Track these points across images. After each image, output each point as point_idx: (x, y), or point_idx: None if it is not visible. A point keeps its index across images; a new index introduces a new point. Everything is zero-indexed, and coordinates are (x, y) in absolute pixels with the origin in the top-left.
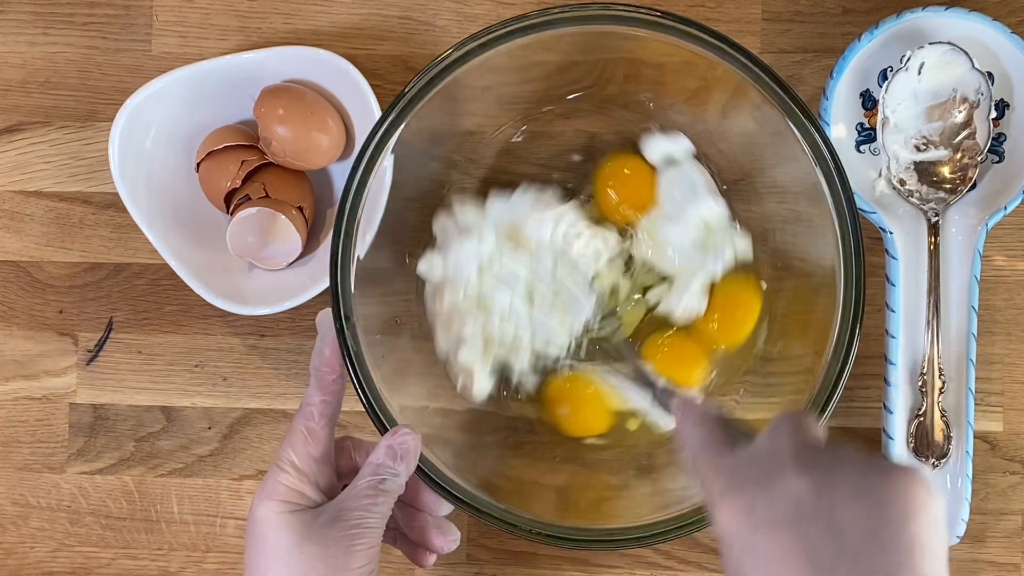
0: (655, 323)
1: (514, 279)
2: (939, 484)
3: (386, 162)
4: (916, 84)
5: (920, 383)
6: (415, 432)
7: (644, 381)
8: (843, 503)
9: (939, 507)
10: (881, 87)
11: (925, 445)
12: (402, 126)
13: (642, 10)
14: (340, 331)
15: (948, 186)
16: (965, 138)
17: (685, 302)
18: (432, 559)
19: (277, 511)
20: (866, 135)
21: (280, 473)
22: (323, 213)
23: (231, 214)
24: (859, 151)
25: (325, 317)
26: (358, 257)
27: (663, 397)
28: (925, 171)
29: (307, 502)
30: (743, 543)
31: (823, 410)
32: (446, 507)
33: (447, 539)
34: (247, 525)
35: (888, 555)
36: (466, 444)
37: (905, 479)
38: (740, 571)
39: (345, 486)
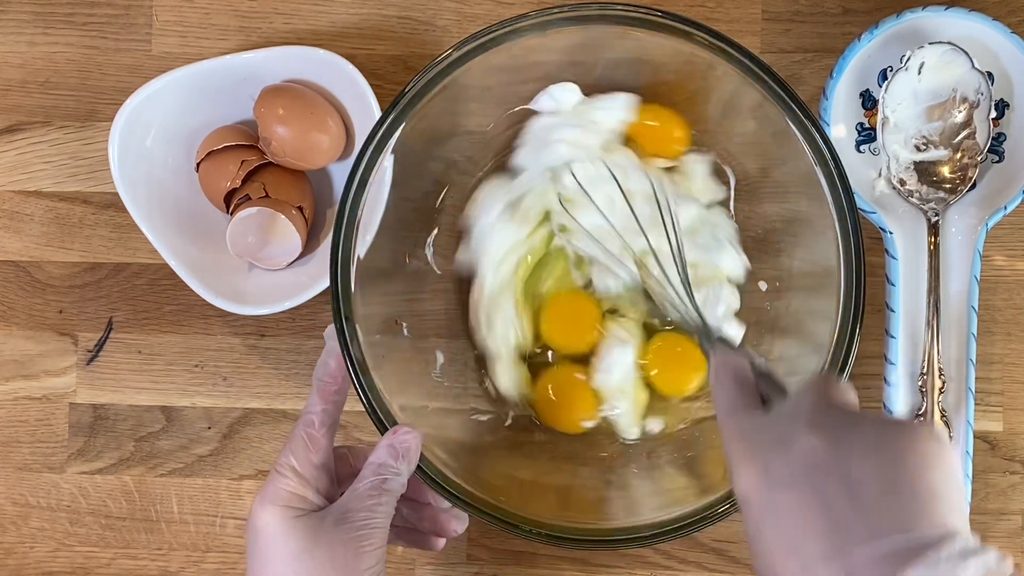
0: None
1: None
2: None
3: (386, 162)
4: (916, 84)
5: (920, 383)
6: (415, 430)
7: (695, 323)
8: (859, 457)
9: (955, 460)
10: (881, 87)
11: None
12: (402, 126)
13: (642, 10)
14: (340, 331)
15: (948, 186)
16: (965, 138)
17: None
18: (443, 542)
19: (281, 516)
20: (866, 135)
21: (281, 479)
22: (323, 213)
23: (231, 214)
24: (859, 151)
25: (332, 331)
26: (358, 257)
27: (708, 342)
28: (925, 171)
29: (309, 506)
30: (761, 503)
31: None
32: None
33: (459, 521)
34: (248, 530)
35: (905, 506)
36: (466, 444)
37: (921, 434)
38: (759, 531)
39: (343, 493)
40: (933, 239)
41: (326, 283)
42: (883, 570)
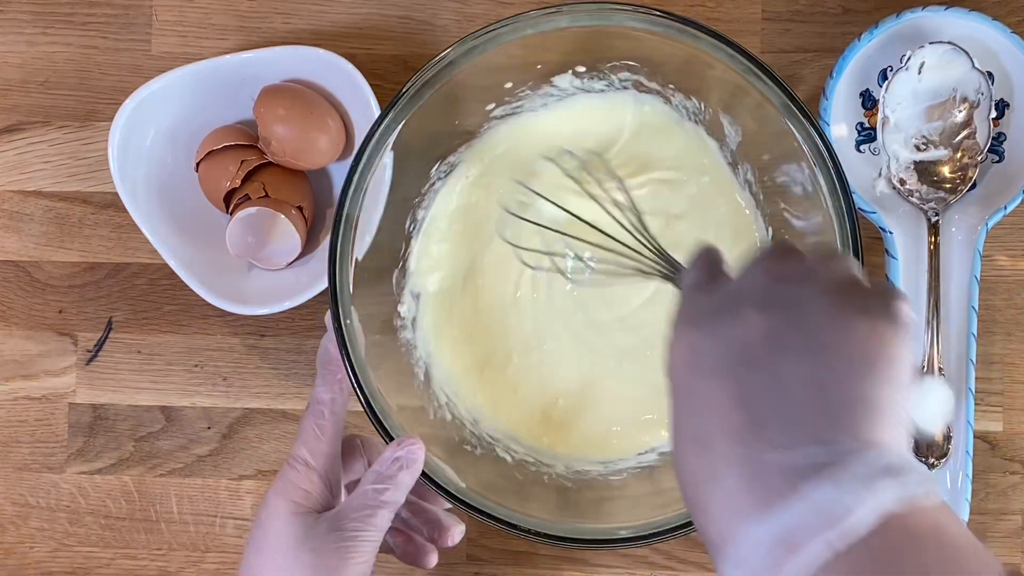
0: None
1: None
2: (939, 484)
3: (385, 161)
4: (916, 84)
5: None
6: (420, 442)
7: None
8: (794, 354)
9: (905, 363)
10: (881, 87)
11: (925, 445)
12: (400, 125)
13: (641, 10)
14: (338, 331)
15: (948, 186)
16: (965, 138)
17: None
18: (435, 558)
19: (284, 510)
20: (866, 135)
21: (291, 471)
22: (323, 213)
23: (231, 214)
24: (859, 151)
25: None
26: (357, 257)
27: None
28: (925, 171)
29: (314, 503)
30: (682, 387)
31: None
32: (458, 535)
33: (456, 531)
34: (255, 519)
35: (830, 414)
36: (465, 443)
37: (876, 327)
38: (676, 421)
39: (349, 484)
40: (933, 239)
41: (326, 283)
42: (787, 482)
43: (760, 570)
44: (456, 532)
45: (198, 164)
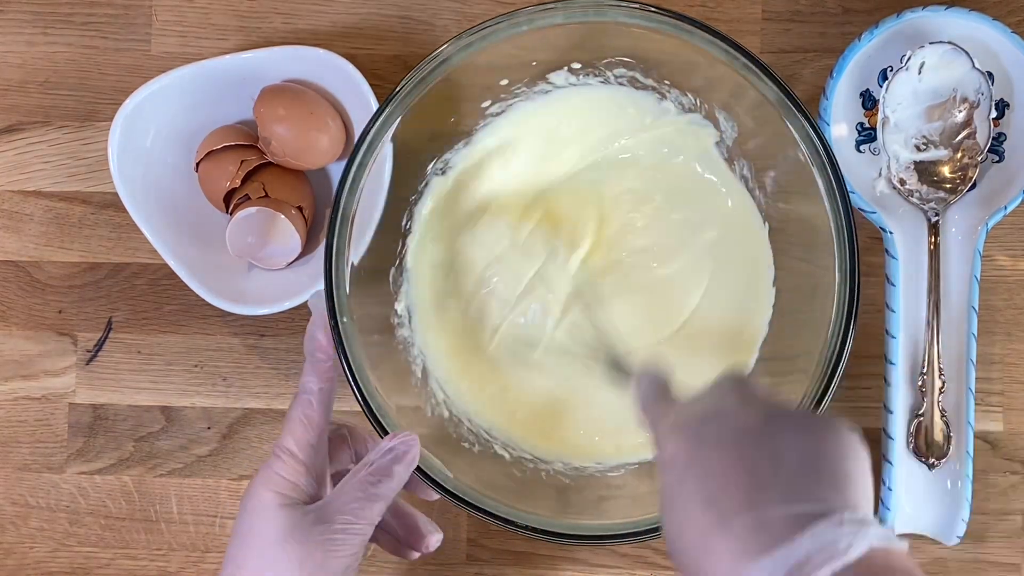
0: None
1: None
2: (939, 484)
3: (382, 160)
4: (916, 84)
5: (920, 383)
6: (416, 437)
7: (612, 362)
8: (787, 433)
9: (868, 460)
10: (881, 87)
11: (925, 445)
12: (397, 122)
13: (640, 8)
14: (335, 329)
15: (948, 186)
16: (965, 138)
17: None
18: (416, 554)
19: (270, 501)
20: (866, 135)
21: (277, 462)
22: (323, 213)
23: (231, 214)
24: (859, 151)
25: (317, 299)
26: (357, 257)
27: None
28: (925, 171)
29: (300, 495)
30: (686, 461)
31: (817, 408)
32: (435, 543)
33: (434, 537)
34: (240, 510)
35: (822, 481)
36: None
37: (843, 426)
38: (680, 487)
39: (335, 474)
40: (933, 239)
41: None
42: (792, 526)
43: None
44: (433, 540)
45: (198, 164)
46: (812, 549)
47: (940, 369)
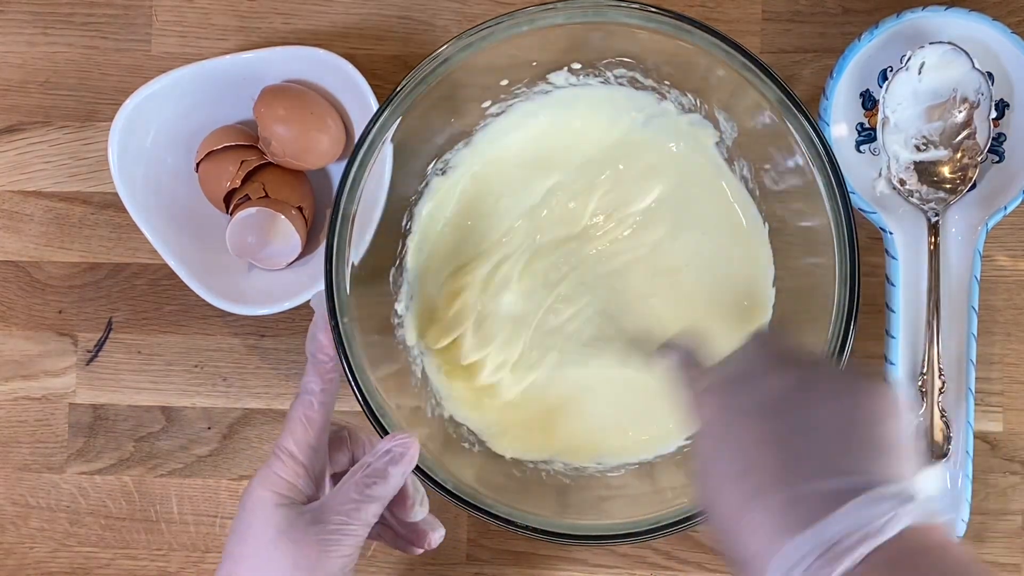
0: None
1: None
2: (939, 484)
3: (384, 160)
4: (916, 84)
5: (920, 383)
6: (414, 437)
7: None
8: (820, 400)
9: (908, 417)
10: (881, 87)
11: (925, 445)
12: (397, 122)
13: (640, 8)
14: (336, 330)
15: (948, 186)
16: (965, 138)
17: None
18: (419, 550)
19: (268, 501)
20: (866, 135)
21: (277, 462)
22: (323, 213)
23: (231, 214)
24: (859, 151)
25: (319, 299)
26: (357, 257)
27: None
28: (925, 171)
29: (297, 495)
30: (721, 431)
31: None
32: (421, 513)
33: (436, 534)
34: (239, 508)
35: (859, 451)
36: (463, 443)
37: (881, 387)
38: (714, 459)
39: (334, 475)
40: (933, 239)
41: None
42: (827, 502)
43: (809, 574)
44: (435, 537)
45: (198, 164)
46: (847, 527)
47: (940, 369)
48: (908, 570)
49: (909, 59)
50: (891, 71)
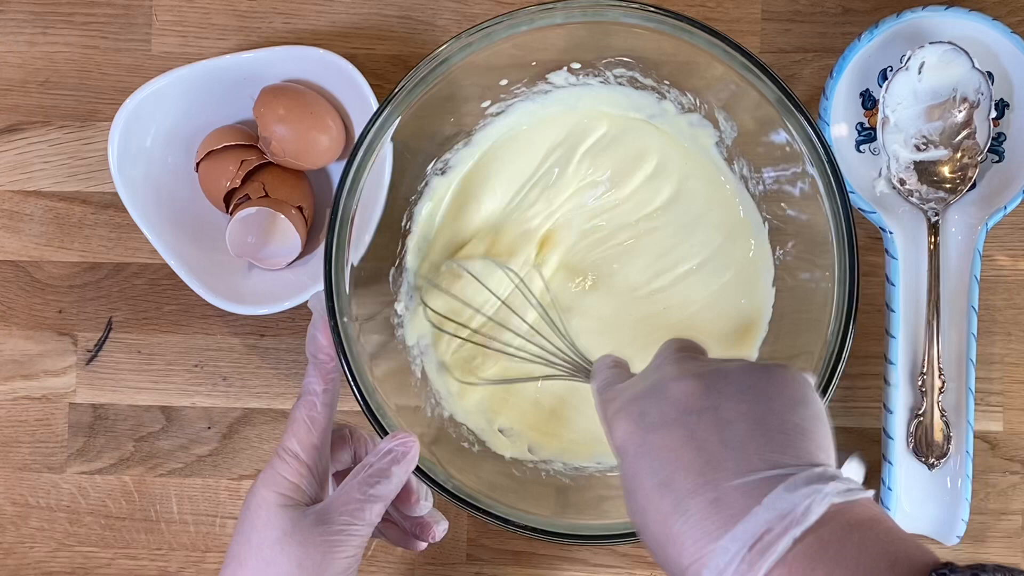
0: None
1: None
2: (939, 484)
3: (384, 160)
4: (916, 84)
5: (920, 383)
6: (415, 437)
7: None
8: (729, 398)
9: (818, 400)
10: (881, 87)
11: (925, 445)
12: (397, 122)
13: (640, 8)
14: (335, 330)
15: (948, 186)
16: (965, 138)
17: None
18: (424, 545)
19: (272, 502)
20: (866, 135)
21: (280, 463)
22: (323, 213)
23: (231, 214)
24: (859, 151)
25: (317, 300)
26: (357, 257)
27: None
28: (925, 171)
29: (301, 496)
30: (637, 447)
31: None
32: (427, 508)
33: (440, 527)
34: (243, 509)
35: (772, 442)
36: (463, 443)
37: (787, 376)
38: (636, 476)
39: (336, 473)
40: (933, 239)
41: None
42: (748, 498)
43: (739, 574)
44: (439, 530)
45: (198, 164)
46: (770, 519)
47: (940, 369)
48: (840, 548)
49: (909, 59)
50: (891, 71)
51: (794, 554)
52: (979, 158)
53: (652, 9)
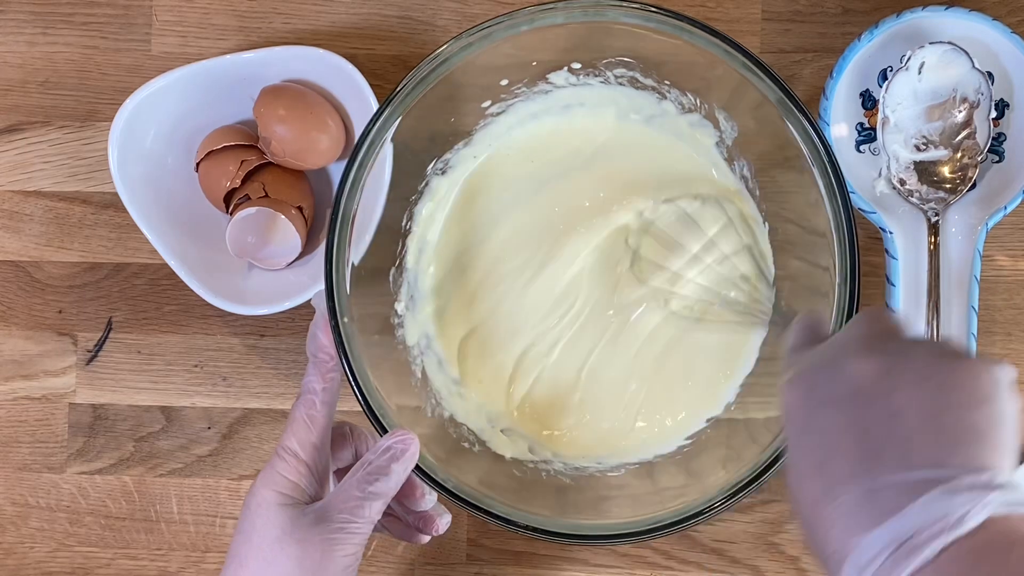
0: None
1: None
2: None
3: (384, 160)
4: (916, 84)
5: None
6: (414, 435)
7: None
8: (905, 386)
9: (1010, 401)
10: (881, 87)
11: None
12: (397, 122)
13: (640, 8)
14: (336, 330)
15: (948, 186)
16: (965, 138)
17: None
18: (427, 538)
19: (272, 501)
20: (866, 135)
21: (280, 462)
22: (323, 213)
23: (231, 214)
24: (859, 151)
25: (320, 299)
26: (357, 257)
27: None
28: (925, 171)
29: (301, 495)
30: (800, 423)
31: None
32: (430, 502)
33: (443, 520)
34: (243, 508)
35: (941, 441)
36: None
37: (975, 367)
38: (794, 452)
39: (338, 471)
40: (933, 239)
41: None
42: (904, 496)
43: (882, 572)
44: (442, 523)
45: (198, 164)
46: (923, 521)
47: None
48: (996, 563)
49: (909, 59)
50: (891, 71)
51: (943, 561)
52: (979, 158)
53: (652, 9)
